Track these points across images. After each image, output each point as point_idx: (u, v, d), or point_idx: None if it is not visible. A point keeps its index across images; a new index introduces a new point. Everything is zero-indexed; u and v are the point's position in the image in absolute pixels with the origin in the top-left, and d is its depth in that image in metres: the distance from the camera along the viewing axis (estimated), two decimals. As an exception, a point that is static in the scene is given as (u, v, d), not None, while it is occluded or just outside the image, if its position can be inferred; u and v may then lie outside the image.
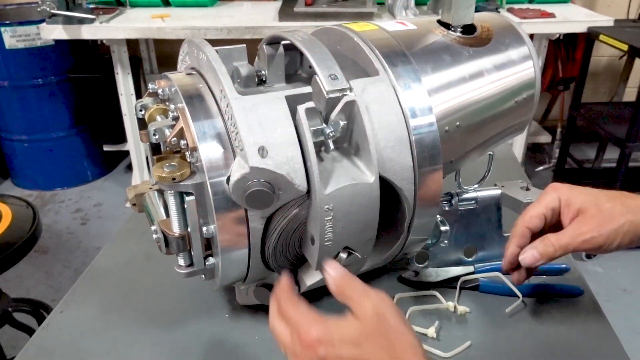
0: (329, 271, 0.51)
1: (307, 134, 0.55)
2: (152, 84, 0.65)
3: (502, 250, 0.83)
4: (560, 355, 0.67)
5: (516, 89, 0.74)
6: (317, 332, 0.47)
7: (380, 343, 0.46)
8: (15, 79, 2.76)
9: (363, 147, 0.59)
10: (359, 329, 0.46)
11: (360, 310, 0.47)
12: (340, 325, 0.47)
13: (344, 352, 0.46)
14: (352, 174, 0.59)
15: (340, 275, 0.50)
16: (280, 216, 0.59)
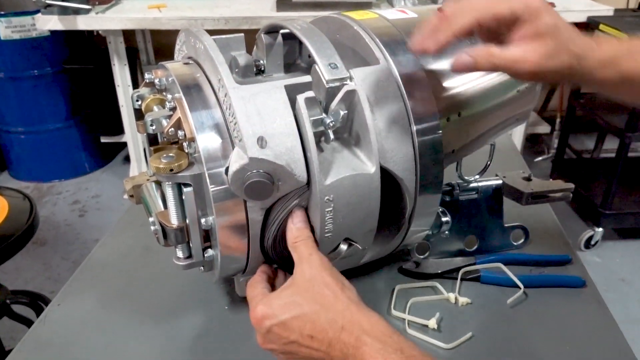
0: (294, 221, 0.57)
1: (306, 124, 0.54)
2: (148, 73, 0.63)
3: (503, 241, 0.83)
4: (562, 346, 0.67)
5: (518, 78, 0.72)
6: (260, 308, 0.52)
7: (313, 297, 0.51)
8: (10, 70, 2.73)
9: (364, 137, 0.58)
10: (294, 291, 0.52)
11: (297, 275, 0.54)
12: (280, 296, 0.53)
13: (284, 317, 0.51)
14: (353, 164, 0.58)
15: (300, 227, 0.57)
16: (280, 207, 0.58)
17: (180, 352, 0.67)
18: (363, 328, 0.49)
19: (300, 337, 0.50)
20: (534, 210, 0.86)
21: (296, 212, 0.57)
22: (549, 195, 0.80)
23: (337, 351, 0.49)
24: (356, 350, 0.48)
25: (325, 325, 0.50)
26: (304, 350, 0.51)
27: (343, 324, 0.49)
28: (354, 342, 0.48)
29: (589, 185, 2.47)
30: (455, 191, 0.78)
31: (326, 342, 0.49)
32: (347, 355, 0.48)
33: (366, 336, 0.48)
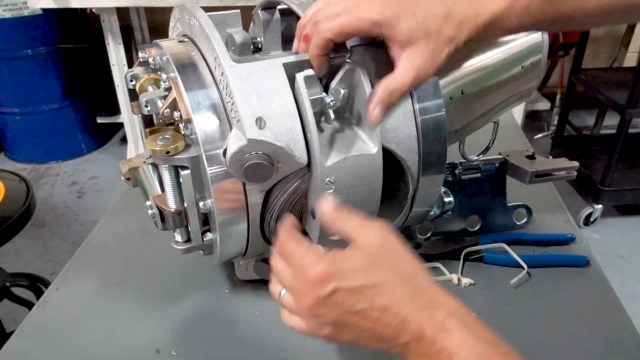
0: (324, 207, 0.50)
1: (306, 104, 0.53)
2: (142, 52, 0.61)
3: (506, 221, 0.83)
4: (566, 326, 0.67)
5: (523, 54, 0.71)
6: (323, 266, 0.44)
7: (391, 266, 0.45)
8: (3, 50, 2.69)
9: (365, 117, 0.56)
10: (367, 256, 0.45)
11: (363, 239, 0.46)
12: (347, 257, 0.45)
13: (355, 282, 0.43)
14: (354, 145, 0.56)
15: (337, 209, 0.50)
16: (280, 189, 0.57)
17: (180, 336, 0.67)
18: (449, 311, 0.43)
19: (370, 307, 0.43)
20: (536, 189, 0.85)
21: (324, 198, 0.51)
22: (552, 173, 0.78)
23: (411, 330, 0.42)
24: (438, 333, 0.41)
25: (405, 298, 0.43)
26: (367, 324, 0.44)
27: (426, 302, 0.43)
28: (438, 323, 0.42)
29: (588, 162, 2.46)
30: (457, 170, 0.77)
31: (400, 317, 0.43)
32: (422, 337, 0.42)
33: (453, 320, 0.42)
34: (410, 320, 0.42)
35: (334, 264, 0.44)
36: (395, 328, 0.43)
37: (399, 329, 0.43)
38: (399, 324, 0.43)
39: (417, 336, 0.42)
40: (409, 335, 0.42)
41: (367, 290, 0.43)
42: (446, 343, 0.41)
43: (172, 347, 0.65)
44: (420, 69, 0.51)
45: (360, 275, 0.44)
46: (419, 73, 0.51)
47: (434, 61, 0.51)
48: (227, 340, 0.66)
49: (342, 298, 0.43)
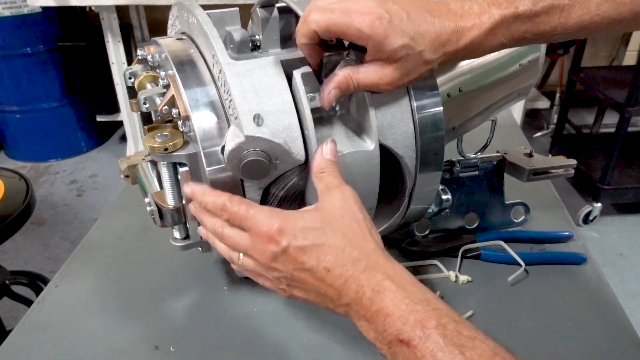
0: (324, 151, 0.52)
1: (303, 101, 0.53)
2: (141, 50, 0.62)
3: (504, 218, 0.83)
4: (563, 323, 0.67)
5: (520, 52, 0.71)
6: (278, 223, 0.47)
7: (342, 230, 0.47)
8: (3, 48, 2.69)
9: (363, 114, 0.56)
10: (321, 217, 0.48)
11: (324, 202, 0.49)
12: (302, 217, 0.48)
13: (306, 241, 0.46)
14: (352, 141, 0.57)
15: (329, 159, 0.52)
16: (278, 186, 0.57)
17: (179, 333, 0.67)
18: (388, 273, 0.45)
19: (317, 266, 0.46)
20: (534, 187, 0.85)
21: (329, 143, 0.52)
22: (550, 171, 0.78)
23: (352, 291, 0.45)
24: (375, 295, 0.44)
25: (348, 261, 0.46)
26: (314, 282, 0.47)
27: (367, 265, 0.45)
28: (375, 285, 0.44)
29: (588, 161, 2.46)
30: (455, 168, 0.77)
31: (342, 279, 0.45)
32: (361, 298, 0.44)
33: (390, 282, 0.44)
34: (351, 282, 0.45)
35: (288, 222, 0.47)
36: (338, 289, 0.46)
37: (341, 289, 0.45)
38: (341, 285, 0.45)
39: (357, 297, 0.45)
40: (350, 296, 0.45)
41: (315, 249, 0.46)
42: (382, 304, 0.43)
43: (170, 344, 0.65)
44: (383, 80, 0.52)
45: (310, 234, 0.46)
46: (379, 83, 0.52)
47: (401, 79, 0.52)
48: (225, 337, 0.66)
49: (294, 254, 0.46)
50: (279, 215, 0.48)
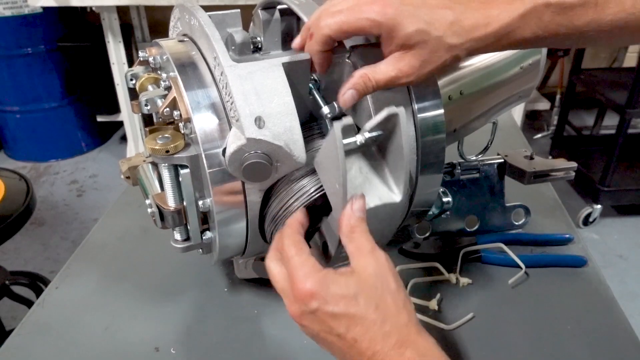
0: (354, 208, 0.48)
1: (340, 155, 0.47)
2: (142, 51, 0.62)
3: (505, 220, 0.83)
4: (563, 326, 0.67)
5: (522, 55, 0.71)
6: (311, 284, 0.45)
7: (375, 301, 0.45)
8: (3, 48, 2.69)
9: (396, 163, 0.53)
10: (355, 285, 0.45)
11: (359, 267, 0.46)
12: (336, 281, 0.46)
13: (336, 308, 0.45)
14: (379, 191, 0.54)
15: (359, 216, 0.48)
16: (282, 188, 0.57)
17: (179, 334, 0.67)
18: (418, 350, 0.44)
19: (345, 334, 0.45)
20: (535, 189, 0.85)
21: (359, 199, 0.49)
22: (551, 174, 0.79)
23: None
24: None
25: (377, 335, 0.44)
26: (340, 346, 0.46)
27: (397, 340, 0.44)
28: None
29: (588, 162, 2.46)
30: (456, 170, 0.77)
31: (370, 351, 0.44)
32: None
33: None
34: (378, 356, 0.43)
35: (322, 285, 0.45)
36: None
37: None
38: (368, 357, 0.44)
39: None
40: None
41: (345, 319, 0.44)
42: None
43: (171, 345, 0.65)
44: (402, 72, 0.50)
45: (342, 302, 0.45)
46: (398, 75, 0.50)
47: (422, 68, 0.50)
48: (225, 339, 0.66)
49: (323, 317, 0.45)
50: (315, 275, 0.46)
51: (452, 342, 0.65)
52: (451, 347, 0.64)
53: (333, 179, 0.49)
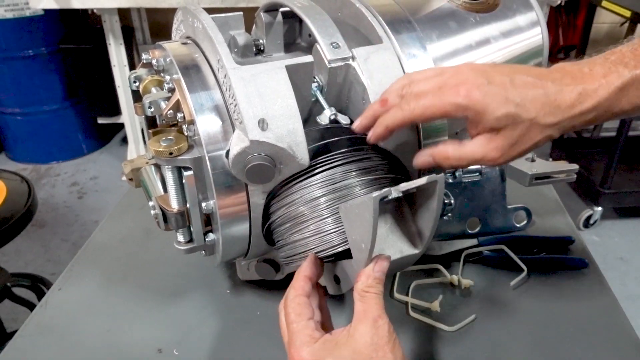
0: (375, 268, 0.48)
1: (373, 226, 0.46)
2: (146, 54, 0.62)
3: (506, 222, 0.83)
4: (565, 328, 0.67)
5: (523, 57, 0.71)
6: (307, 354, 0.46)
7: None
8: (4, 50, 2.69)
9: (424, 223, 0.52)
10: (350, 354, 0.45)
11: (360, 330, 0.46)
12: (332, 352, 0.46)
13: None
14: (401, 245, 0.53)
15: (378, 277, 0.48)
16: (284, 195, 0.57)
17: (182, 336, 0.67)
18: None
19: None
20: (536, 191, 0.86)
21: (383, 261, 0.49)
22: (552, 176, 0.79)
23: None
24: None
25: None
26: None
27: None
28: None
29: (588, 165, 2.46)
30: (458, 173, 0.77)
31: None
32: None
33: None
34: None
35: (318, 355, 0.46)
36: None
37: None
38: None
39: None
40: None
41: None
42: None
43: (173, 347, 0.65)
44: (489, 155, 0.49)
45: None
46: (485, 158, 0.49)
47: (511, 150, 0.48)
48: (228, 340, 0.66)
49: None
50: (311, 345, 0.47)
51: (453, 343, 0.65)
52: (453, 349, 0.64)
53: (359, 237, 0.49)
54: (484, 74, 0.47)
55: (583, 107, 0.47)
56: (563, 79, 0.48)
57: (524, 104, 0.47)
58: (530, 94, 0.47)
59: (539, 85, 0.47)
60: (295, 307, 0.50)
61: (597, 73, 0.47)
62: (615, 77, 0.47)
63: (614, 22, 3.15)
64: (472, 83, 0.47)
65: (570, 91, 0.47)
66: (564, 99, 0.47)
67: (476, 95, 0.46)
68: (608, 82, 0.47)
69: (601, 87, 0.47)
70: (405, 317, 0.68)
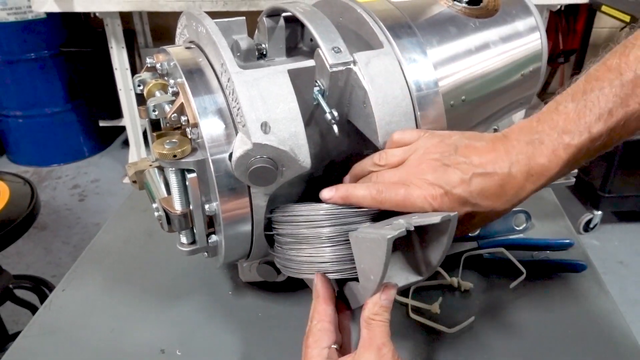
0: (382, 297, 0.50)
1: (385, 263, 0.47)
2: (150, 58, 0.63)
3: (506, 225, 0.84)
4: (564, 330, 0.67)
5: (523, 62, 0.72)
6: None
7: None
8: (7, 53, 2.71)
9: (433, 255, 0.53)
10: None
11: (363, 358, 0.47)
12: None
13: None
14: (407, 272, 0.55)
15: (385, 305, 0.50)
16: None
17: (184, 336, 0.68)
18: None
19: None
20: (536, 195, 0.86)
21: (391, 289, 0.51)
22: (551, 179, 0.79)
23: None
24: None
25: None
26: None
27: None
28: None
29: (588, 168, 2.45)
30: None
31: None
32: None
33: None
34: None
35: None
36: None
37: None
38: None
39: None
40: None
41: None
42: None
43: (176, 347, 0.66)
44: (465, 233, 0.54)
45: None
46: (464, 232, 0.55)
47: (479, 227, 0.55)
48: (230, 341, 0.67)
49: None
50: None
51: (453, 345, 0.65)
52: (452, 351, 0.65)
53: (368, 268, 0.50)
54: (443, 177, 0.50)
55: (536, 184, 0.51)
56: (517, 163, 0.50)
57: (479, 203, 0.51)
58: (485, 191, 0.50)
59: (493, 177, 0.50)
60: (316, 332, 0.52)
61: (546, 148, 0.49)
62: (562, 151, 0.49)
63: (613, 26, 3.16)
64: (428, 192, 0.51)
65: (518, 178, 0.50)
66: (516, 184, 0.50)
67: (432, 205, 0.50)
68: (557, 157, 0.49)
69: (552, 164, 0.49)
70: (406, 318, 0.69)
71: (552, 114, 0.50)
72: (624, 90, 0.46)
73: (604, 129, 0.47)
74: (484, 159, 0.51)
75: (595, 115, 0.47)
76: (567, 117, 0.49)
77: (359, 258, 0.52)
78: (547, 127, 0.50)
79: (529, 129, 0.51)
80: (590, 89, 0.48)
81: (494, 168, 0.50)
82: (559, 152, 0.49)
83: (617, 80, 0.47)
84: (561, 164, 0.49)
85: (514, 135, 0.51)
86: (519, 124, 0.53)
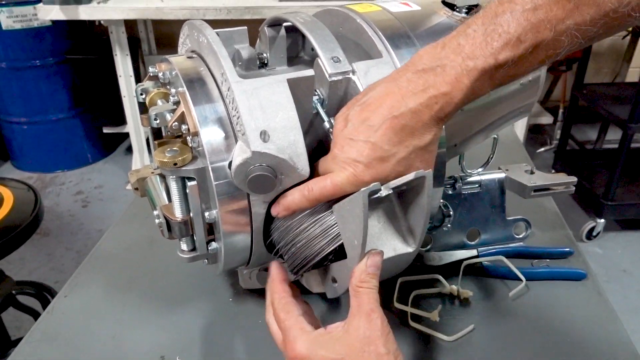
0: (368, 263, 0.50)
1: (364, 221, 0.49)
2: (152, 67, 0.64)
3: (506, 234, 0.84)
4: (563, 339, 0.68)
5: (521, 71, 0.72)
6: (301, 347, 0.49)
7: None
8: (12, 60, 2.73)
9: (415, 220, 0.54)
10: (343, 349, 0.47)
11: (353, 324, 0.48)
12: (325, 345, 0.48)
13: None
14: (395, 243, 0.55)
15: (372, 272, 0.50)
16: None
17: (185, 343, 0.68)
18: None
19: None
20: (536, 203, 0.86)
21: (376, 256, 0.51)
22: (551, 188, 0.80)
23: None
24: None
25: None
26: None
27: None
28: None
29: (591, 176, 2.47)
30: (457, 184, 0.78)
31: None
32: None
33: None
34: None
35: (312, 347, 0.49)
36: None
37: None
38: None
39: None
40: None
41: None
42: None
43: (177, 354, 0.66)
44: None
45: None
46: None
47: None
48: (230, 348, 0.67)
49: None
50: (304, 338, 0.49)
51: (452, 353, 0.66)
52: (451, 358, 0.65)
53: (352, 234, 0.51)
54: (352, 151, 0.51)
55: (444, 112, 0.50)
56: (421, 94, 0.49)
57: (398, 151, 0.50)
58: (393, 138, 0.50)
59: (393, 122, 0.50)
60: (284, 306, 0.53)
61: (448, 74, 0.48)
62: (465, 77, 0.48)
63: (616, 35, 3.17)
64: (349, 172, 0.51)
65: (422, 105, 0.49)
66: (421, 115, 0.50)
67: (362, 180, 0.50)
68: (460, 84, 0.48)
69: (455, 90, 0.48)
70: (405, 326, 0.69)
71: (460, 37, 0.49)
72: (536, 15, 0.45)
73: (510, 56, 0.46)
74: (379, 111, 0.50)
75: (503, 41, 0.46)
76: (474, 42, 0.47)
77: (343, 228, 0.53)
78: (450, 52, 0.48)
79: (432, 55, 0.50)
80: (502, 11, 0.47)
81: (391, 112, 0.50)
82: (462, 79, 0.48)
83: (530, 3, 0.45)
84: (465, 89, 0.48)
85: (411, 67, 0.51)
86: (425, 49, 0.51)
